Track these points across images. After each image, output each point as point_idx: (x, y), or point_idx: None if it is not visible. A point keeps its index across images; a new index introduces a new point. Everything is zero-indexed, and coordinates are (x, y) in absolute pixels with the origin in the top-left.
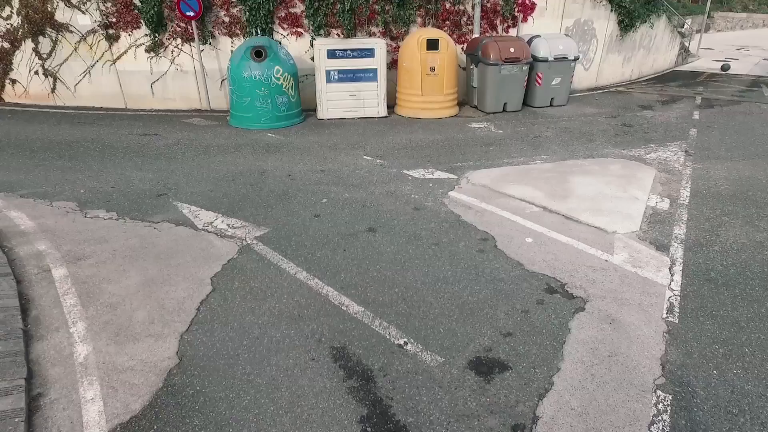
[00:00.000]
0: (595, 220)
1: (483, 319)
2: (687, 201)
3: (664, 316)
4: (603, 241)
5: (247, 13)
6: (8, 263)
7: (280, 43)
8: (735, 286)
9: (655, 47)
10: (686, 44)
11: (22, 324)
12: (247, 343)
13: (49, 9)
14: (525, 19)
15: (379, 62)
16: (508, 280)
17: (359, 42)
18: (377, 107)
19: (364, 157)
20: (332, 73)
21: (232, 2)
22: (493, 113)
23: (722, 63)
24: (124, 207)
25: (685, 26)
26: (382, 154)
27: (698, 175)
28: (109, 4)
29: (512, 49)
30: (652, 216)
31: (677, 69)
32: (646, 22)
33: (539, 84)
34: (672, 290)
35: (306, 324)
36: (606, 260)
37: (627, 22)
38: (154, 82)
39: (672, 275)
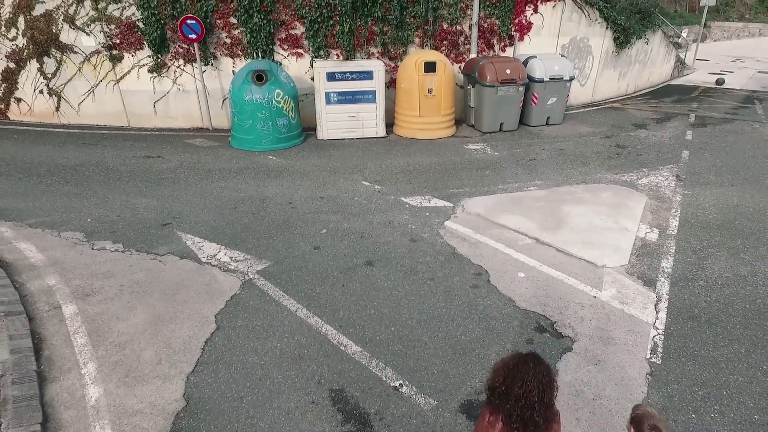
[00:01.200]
0: (586, 253)
1: (475, 360)
2: (675, 231)
3: (648, 356)
4: (592, 276)
5: (248, 35)
6: (20, 300)
7: (280, 64)
8: (717, 323)
9: (651, 61)
10: (682, 56)
11: (35, 365)
12: (250, 385)
13: (54, 31)
14: (522, 38)
15: (377, 84)
16: (500, 318)
17: (358, 65)
18: (376, 128)
19: (363, 182)
20: (332, 95)
21: (234, 24)
22: (490, 133)
23: (717, 77)
24: (129, 238)
25: (682, 36)
26: (380, 179)
27: (688, 202)
28: (113, 27)
29: (508, 71)
30: (641, 248)
31: (673, 83)
32: (641, 38)
33: (535, 104)
34: (656, 329)
35: (306, 365)
36: (594, 296)
37: (622, 39)
38: (157, 101)
39: (657, 312)
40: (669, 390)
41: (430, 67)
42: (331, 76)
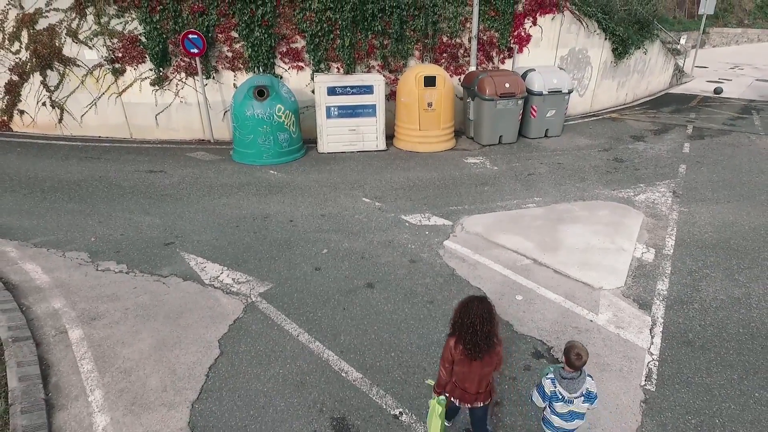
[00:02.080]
0: (583, 275)
1: None
2: (671, 251)
3: (642, 383)
4: (589, 299)
5: (250, 50)
6: (27, 324)
7: (281, 77)
8: (711, 349)
9: (650, 71)
10: (680, 64)
11: (43, 393)
12: (253, 413)
13: (57, 44)
14: (521, 50)
15: (377, 98)
16: None
17: (358, 79)
18: (376, 141)
19: (363, 198)
20: (332, 109)
21: (235, 38)
22: (489, 146)
23: (715, 86)
24: (133, 258)
25: (681, 43)
26: (380, 195)
27: (684, 220)
28: (115, 40)
29: (507, 84)
30: (637, 269)
31: (671, 91)
32: (640, 48)
33: (534, 116)
34: (651, 354)
35: (308, 392)
36: (591, 320)
37: (621, 50)
38: (159, 113)
39: (652, 337)
40: (663, 418)
41: (429, 81)
42: (332, 91)
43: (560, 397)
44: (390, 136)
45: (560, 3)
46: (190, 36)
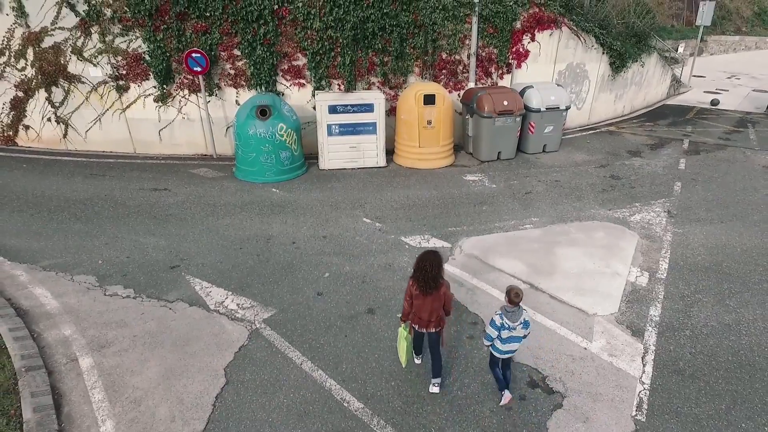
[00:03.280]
0: (578, 300)
1: (470, 418)
2: (665, 275)
3: (633, 413)
4: (583, 325)
5: (252, 68)
6: (39, 353)
7: (282, 94)
8: (700, 378)
9: (647, 82)
10: (678, 74)
11: (57, 424)
12: None
13: (62, 62)
14: (519, 66)
15: (378, 116)
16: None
17: (359, 97)
18: (376, 158)
19: (364, 219)
20: (333, 127)
21: (237, 56)
22: (488, 162)
23: (712, 98)
24: (140, 282)
25: (679, 51)
26: (380, 216)
27: (678, 242)
28: (119, 58)
29: (506, 102)
30: (631, 294)
31: (668, 102)
32: (637, 61)
33: (532, 132)
34: (642, 383)
35: (312, 422)
36: (585, 348)
37: (618, 64)
38: (162, 129)
39: (644, 366)
40: None
41: (429, 99)
42: (333, 109)
43: (507, 326)
44: (390, 151)
45: (558, 19)
46: (194, 55)
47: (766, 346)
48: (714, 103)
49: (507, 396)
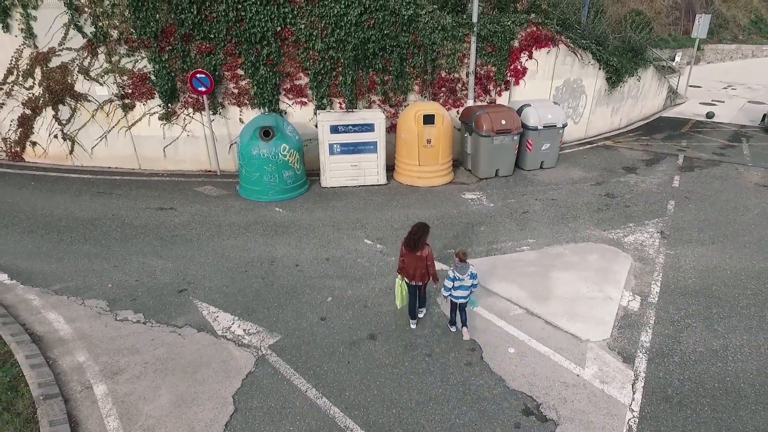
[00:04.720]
0: (571, 326)
1: None
2: (656, 299)
3: None
4: (576, 351)
5: (255, 88)
6: (55, 380)
7: (285, 112)
8: (688, 405)
9: (643, 95)
10: (674, 86)
11: None
12: None
13: (69, 81)
14: (517, 83)
15: (378, 135)
16: (491, 399)
17: (360, 117)
18: (377, 176)
19: (365, 240)
20: (335, 146)
21: (241, 76)
22: (486, 179)
23: (707, 110)
24: (149, 307)
25: (676, 60)
26: (381, 237)
27: (670, 264)
28: (125, 78)
29: (504, 121)
30: (622, 319)
31: (665, 114)
32: (633, 75)
33: (530, 149)
34: (632, 411)
35: None
36: (578, 375)
37: (615, 79)
38: (167, 146)
39: (634, 393)
40: None
41: (428, 119)
42: (334, 129)
43: (458, 278)
44: (390, 167)
45: (555, 37)
46: (198, 75)
47: (752, 373)
48: (709, 115)
49: (466, 332)
